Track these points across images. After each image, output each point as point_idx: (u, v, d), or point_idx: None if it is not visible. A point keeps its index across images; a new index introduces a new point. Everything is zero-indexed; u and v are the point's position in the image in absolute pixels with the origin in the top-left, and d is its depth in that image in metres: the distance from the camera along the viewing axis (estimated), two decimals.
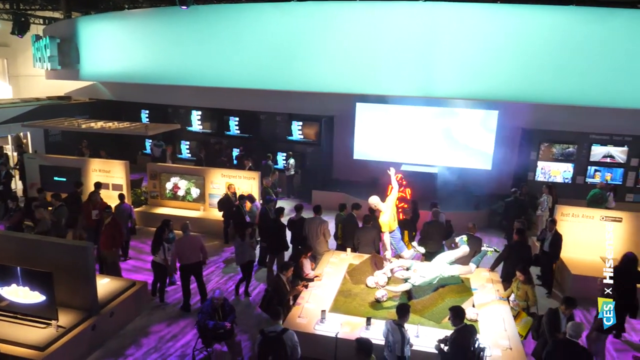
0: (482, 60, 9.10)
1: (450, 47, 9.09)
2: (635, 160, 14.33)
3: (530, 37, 9.10)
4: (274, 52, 10.23)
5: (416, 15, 9.00)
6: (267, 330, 5.82)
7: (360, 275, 8.11)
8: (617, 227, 10.19)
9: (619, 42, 9.41)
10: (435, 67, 9.06)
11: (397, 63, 9.17)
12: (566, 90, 9.82)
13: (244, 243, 8.80)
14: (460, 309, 5.93)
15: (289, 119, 16.41)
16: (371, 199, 7.80)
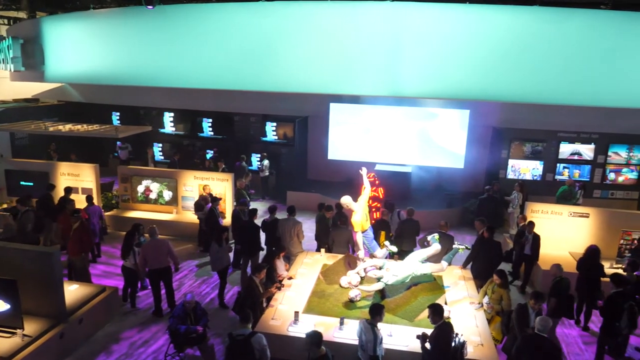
0: (450, 60, 9.21)
1: (419, 47, 9.17)
2: (602, 157, 14.73)
3: (496, 37, 9.26)
4: (245, 52, 10.15)
5: (385, 15, 9.05)
6: (235, 334, 5.76)
7: (334, 275, 8.11)
8: (584, 223, 10.48)
9: (582, 41, 9.66)
10: (404, 67, 9.13)
11: (367, 63, 9.20)
12: (533, 89, 10.02)
13: (221, 249, 8.65)
14: (438, 306, 5.96)
15: (263, 119, 16.34)
16: (343, 199, 7.80)
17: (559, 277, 7.51)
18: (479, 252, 8.67)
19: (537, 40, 9.39)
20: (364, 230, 7.83)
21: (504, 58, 9.38)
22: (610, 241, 10.13)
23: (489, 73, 9.48)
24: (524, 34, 9.32)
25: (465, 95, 9.76)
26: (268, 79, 10.24)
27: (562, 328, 8.66)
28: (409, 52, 9.09)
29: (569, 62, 10.04)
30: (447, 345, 5.68)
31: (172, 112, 17.34)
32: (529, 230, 9.53)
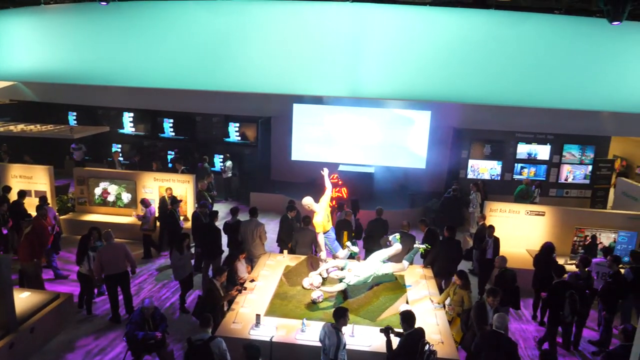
0: (410, 61, 9.30)
1: (379, 48, 9.23)
2: (557, 157, 15.25)
3: (455, 39, 9.40)
4: (204, 51, 9.95)
5: (345, 16, 9.07)
6: (194, 339, 5.66)
7: (296, 277, 8.07)
8: (540, 221, 10.81)
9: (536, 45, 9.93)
10: (364, 68, 9.17)
11: (328, 64, 9.20)
12: (491, 91, 10.22)
13: (183, 257, 8.36)
14: (409, 313, 5.85)
15: (225, 120, 16.15)
16: (305, 200, 7.77)
17: (504, 269, 7.86)
18: (441, 250, 8.82)
19: (494, 44, 9.59)
20: (326, 231, 7.82)
21: (462, 60, 9.54)
22: (564, 238, 10.50)
23: (449, 75, 9.62)
24: (481, 37, 9.51)
25: (425, 97, 9.89)
26: (228, 79, 10.07)
27: (520, 323, 8.90)
28: (370, 54, 9.13)
29: (524, 65, 10.29)
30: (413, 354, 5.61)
31: (131, 112, 16.90)
32: (489, 234, 9.47)
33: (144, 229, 10.76)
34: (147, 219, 10.70)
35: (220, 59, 10.16)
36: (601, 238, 10.37)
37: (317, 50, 9.22)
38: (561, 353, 8.01)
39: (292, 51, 9.35)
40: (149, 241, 10.94)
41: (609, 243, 10.35)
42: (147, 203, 10.82)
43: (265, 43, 9.70)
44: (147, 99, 15.11)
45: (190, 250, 8.73)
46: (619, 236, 10.38)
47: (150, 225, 10.76)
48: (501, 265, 7.92)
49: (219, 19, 9.84)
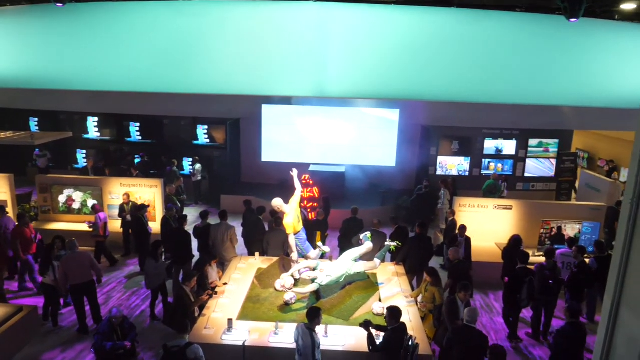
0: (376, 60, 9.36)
1: (345, 47, 9.25)
2: (523, 151, 15.59)
3: (420, 37, 9.51)
4: (169, 53, 9.77)
5: (309, 15, 9.05)
6: (170, 345, 5.54)
7: (268, 279, 7.99)
8: (508, 214, 11.02)
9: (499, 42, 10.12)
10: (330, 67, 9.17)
11: (293, 64, 9.17)
12: (457, 88, 10.36)
13: (158, 265, 8.13)
14: (396, 309, 5.92)
15: (193, 122, 15.90)
16: (274, 201, 7.70)
17: (457, 260, 8.15)
18: (412, 247, 8.89)
19: (458, 41, 9.74)
20: (297, 232, 7.77)
21: (428, 58, 9.65)
22: (532, 231, 10.74)
23: (415, 73, 9.73)
24: (445, 35, 9.64)
25: (393, 95, 9.96)
26: (195, 81, 9.91)
27: (492, 316, 9.04)
28: (335, 53, 9.14)
29: (488, 62, 10.48)
30: (398, 348, 5.70)
31: (96, 117, 16.47)
32: (461, 233, 9.43)
33: (93, 235, 10.35)
34: (96, 226, 10.29)
35: (185, 60, 10.00)
36: (566, 229, 10.64)
37: (283, 51, 9.17)
38: (531, 343, 8.20)
39: (257, 52, 9.28)
40: (102, 249, 10.53)
41: (574, 234, 10.62)
42: (97, 209, 10.50)
43: (230, 44, 9.60)
44: (112, 102, 14.75)
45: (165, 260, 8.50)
46: (583, 227, 10.67)
47: (99, 232, 10.32)
48: (455, 257, 8.20)
49: (182, 20, 9.69)
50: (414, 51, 9.57)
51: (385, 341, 5.77)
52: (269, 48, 9.23)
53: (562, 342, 6.34)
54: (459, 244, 9.20)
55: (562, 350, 6.36)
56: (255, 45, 9.44)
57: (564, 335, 6.36)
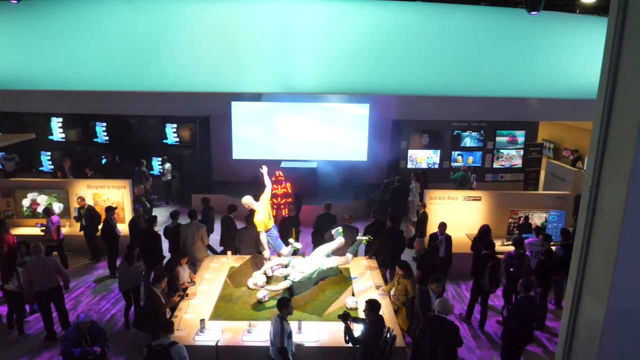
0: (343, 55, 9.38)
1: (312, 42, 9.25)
2: (491, 143, 15.87)
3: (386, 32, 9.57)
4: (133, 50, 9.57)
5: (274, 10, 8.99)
6: (153, 344, 5.47)
7: (241, 277, 7.93)
8: (477, 205, 11.21)
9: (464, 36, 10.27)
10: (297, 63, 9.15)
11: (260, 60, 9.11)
12: (424, 82, 10.48)
13: (131, 268, 7.91)
14: (375, 301, 5.99)
15: (162, 121, 15.60)
16: (244, 199, 7.64)
17: (424, 250, 8.35)
18: (384, 240, 8.95)
19: (424, 35, 9.85)
20: (268, 229, 7.73)
21: (395, 53, 9.73)
22: (500, 221, 10.95)
23: (383, 67, 9.79)
24: (412, 28, 9.73)
25: (361, 90, 10.01)
26: (161, 79, 9.75)
27: (463, 305, 9.19)
28: (302, 48, 9.12)
29: (455, 56, 10.61)
30: (376, 340, 5.75)
31: (60, 117, 15.99)
32: (441, 231, 9.25)
33: (45, 240, 9.90)
34: (48, 230, 9.91)
35: (150, 58, 9.82)
36: (533, 218, 10.89)
37: (249, 47, 9.10)
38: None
39: (223, 48, 9.18)
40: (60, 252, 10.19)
41: (540, 222, 10.89)
42: (50, 212, 10.21)
43: (195, 40, 9.47)
44: (76, 102, 14.38)
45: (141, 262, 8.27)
46: (550, 215, 10.94)
47: (52, 236, 9.92)
48: (421, 248, 8.39)
49: (146, 17, 9.50)
50: (381, 46, 9.63)
51: (366, 334, 5.81)
52: (235, 44, 9.14)
53: (516, 314, 6.72)
54: (440, 242, 9.11)
55: (515, 322, 6.73)
56: (221, 42, 9.34)
57: (517, 308, 6.75)
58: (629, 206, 3.86)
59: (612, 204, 4.05)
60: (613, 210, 4.03)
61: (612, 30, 4.13)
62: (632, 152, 3.81)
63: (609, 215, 4.08)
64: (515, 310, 6.78)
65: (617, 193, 3.96)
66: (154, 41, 9.50)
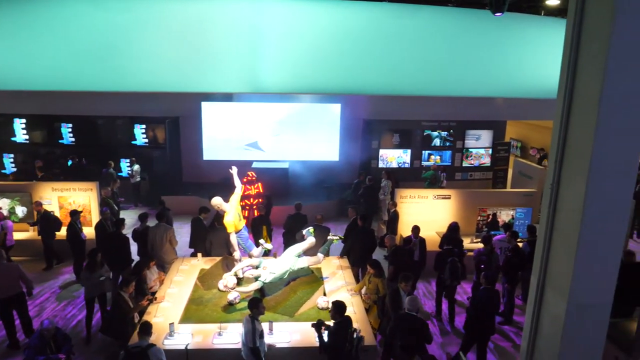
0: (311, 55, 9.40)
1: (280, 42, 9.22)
2: (460, 142, 16.13)
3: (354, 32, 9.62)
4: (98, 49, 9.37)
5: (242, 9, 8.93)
6: (131, 346, 5.40)
7: (212, 279, 7.85)
8: (447, 204, 11.38)
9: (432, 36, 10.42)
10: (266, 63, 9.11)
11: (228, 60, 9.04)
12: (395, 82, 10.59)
13: (93, 276, 7.55)
14: (340, 303, 5.99)
15: (130, 122, 15.31)
16: (213, 200, 7.56)
17: (394, 247, 8.49)
18: (355, 240, 8.99)
19: (393, 36, 9.94)
20: (238, 230, 7.67)
21: (365, 53, 9.80)
22: (469, 218, 11.14)
23: (353, 68, 9.84)
24: (381, 29, 9.81)
25: (331, 90, 10.05)
26: (127, 79, 9.56)
27: (433, 301, 9.31)
28: (272, 48, 9.08)
29: (424, 57, 10.76)
30: (343, 341, 5.73)
31: (23, 119, 15.51)
32: (415, 234, 9.06)
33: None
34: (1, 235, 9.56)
35: (117, 57, 9.63)
36: (501, 215, 11.12)
37: (217, 47, 9.02)
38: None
39: (192, 48, 9.07)
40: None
41: (508, 220, 11.12)
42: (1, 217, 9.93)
43: (163, 40, 9.33)
44: (40, 103, 13.97)
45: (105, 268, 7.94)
46: (517, 212, 11.19)
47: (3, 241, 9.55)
48: (391, 244, 8.52)
49: (113, 15, 9.31)
50: (351, 46, 9.67)
51: (332, 336, 5.80)
52: (205, 44, 9.04)
53: (476, 305, 6.94)
54: (414, 244, 8.99)
55: (477, 311, 6.93)
56: (190, 42, 9.23)
57: (478, 298, 6.97)
58: (587, 203, 3.98)
59: (571, 201, 4.16)
60: (573, 207, 4.14)
61: (570, 33, 4.25)
62: (589, 150, 3.92)
63: (569, 212, 4.20)
64: (476, 301, 7.02)
65: (577, 190, 4.08)
66: (121, 40, 9.32)
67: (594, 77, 3.96)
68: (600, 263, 4.22)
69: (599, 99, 3.90)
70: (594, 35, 4.02)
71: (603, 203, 4.04)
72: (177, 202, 13.45)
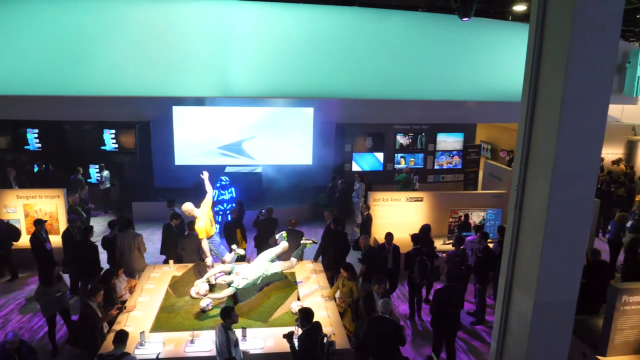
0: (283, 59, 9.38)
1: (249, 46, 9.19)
2: (432, 145, 16.35)
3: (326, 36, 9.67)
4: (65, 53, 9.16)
5: (212, 13, 8.87)
6: (104, 355, 5.31)
7: (184, 287, 7.73)
8: (419, 206, 11.50)
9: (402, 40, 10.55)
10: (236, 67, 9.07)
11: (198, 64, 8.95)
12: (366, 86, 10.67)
13: (50, 291, 7.27)
14: (307, 310, 5.96)
15: (99, 127, 15.00)
16: (184, 206, 7.47)
17: (368, 247, 8.57)
18: (328, 243, 9.00)
19: (365, 40, 10.03)
20: (210, 236, 7.59)
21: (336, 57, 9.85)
22: (441, 220, 11.30)
23: (325, 71, 9.88)
24: (352, 33, 9.88)
25: (303, 94, 10.06)
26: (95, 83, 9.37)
27: (406, 305, 9.39)
28: (243, 52, 9.04)
29: (395, 61, 10.88)
30: (312, 348, 5.69)
31: None
32: (388, 242, 8.91)
33: None
34: None
35: (84, 60, 9.42)
36: (472, 217, 11.30)
37: (187, 51, 8.93)
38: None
39: (161, 52, 8.95)
40: None
41: (479, 221, 11.31)
42: None
43: (132, 43, 9.18)
44: (3, 108, 13.55)
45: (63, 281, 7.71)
46: (487, 214, 11.40)
47: None
48: (365, 245, 8.59)
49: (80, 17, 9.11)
50: (323, 50, 9.71)
51: (301, 344, 5.76)
52: (174, 48, 8.94)
53: (439, 301, 7.11)
54: (387, 252, 8.90)
55: (439, 308, 7.11)
56: (160, 45, 9.11)
57: (440, 294, 7.14)
58: (551, 204, 4.07)
59: (536, 202, 4.26)
60: (537, 207, 4.24)
61: (532, 38, 4.35)
62: (552, 152, 4.02)
63: (534, 213, 4.30)
64: (438, 298, 7.19)
65: (541, 192, 4.17)
66: (90, 43, 9.13)
67: (556, 81, 4.07)
68: (564, 262, 4.32)
69: (561, 102, 4.01)
70: (555, 40, 4.13)
71: (566, 203, 4.15)
72: (147, 208, 13.24)
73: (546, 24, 4.21)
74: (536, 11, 4.29)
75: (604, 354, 6.16)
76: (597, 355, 6.22)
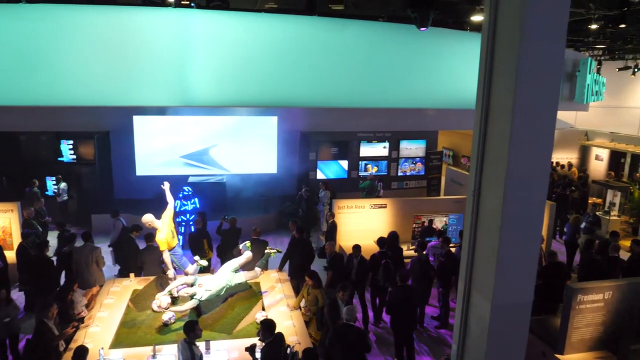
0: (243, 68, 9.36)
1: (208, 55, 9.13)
2: (395, 152, 16.59)
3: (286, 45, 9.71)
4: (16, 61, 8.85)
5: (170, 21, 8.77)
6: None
7: (145, 300, 7.54)
8: (383, 213, 11.62)
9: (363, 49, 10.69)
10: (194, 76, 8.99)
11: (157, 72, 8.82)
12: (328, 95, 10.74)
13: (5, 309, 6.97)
14: (268, 322, 5.86)
15: (56, 137, 14.53)
16: (145, 217, 7.31)
17: (334, 254, 8.66)
18: (293, 252, 8.98)
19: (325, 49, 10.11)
20: (172, 247, 7.45)
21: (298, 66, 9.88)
22: (405, 226, 11.43)
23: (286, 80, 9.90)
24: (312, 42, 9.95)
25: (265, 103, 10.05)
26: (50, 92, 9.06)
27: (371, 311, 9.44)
28: (202, 61, 8.96)
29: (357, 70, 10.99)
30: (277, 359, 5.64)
31: None
32: (356, 254, 8.73)
33: None
34: None
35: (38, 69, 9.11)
36: (435, 222, 11.50)
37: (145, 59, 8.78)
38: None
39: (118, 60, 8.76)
40: None
41: (442, 226, 11.52)
42: None
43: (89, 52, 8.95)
44: None
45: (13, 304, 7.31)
46: (450, 219, 11.62)
47: None
48: (331, 251, 8.71)
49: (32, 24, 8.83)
50: (283, 59, 9.73)
51: (263, 357, 5.69)
52: (132, 56, 8.77)
53: (395, 303, 7.33)
54: (351, 264, 8.78)
55: (394, 306, 7.35)
56: (117, 54, 8.92)
57: (393, 295, 7.41)
58: (505, 208, 4.20)
59: (491, 206, 4.38)
60: (493, 212, 4.37)
61: (484, 48, 4.50)
62: (505, 158, 4.16)
63: (490, 218, 4.42)
64: (393, 299, 7.40)
65: (495, 196, 4.30)
66: (44, 51, 8.85)
67: (507, 89, 4.22)
68: (519, 264, 4.46)
69: (512, 109, 4.15)
70: (505, 50, 4.28)
71: (519, 207, 4.29)
72: (107, 221, 12.84)
73: (497, 35, 4.36)
74: (487, 22, 4.44)
75: (562, 352, 6.36)
76: (555, 354, 6.42)
